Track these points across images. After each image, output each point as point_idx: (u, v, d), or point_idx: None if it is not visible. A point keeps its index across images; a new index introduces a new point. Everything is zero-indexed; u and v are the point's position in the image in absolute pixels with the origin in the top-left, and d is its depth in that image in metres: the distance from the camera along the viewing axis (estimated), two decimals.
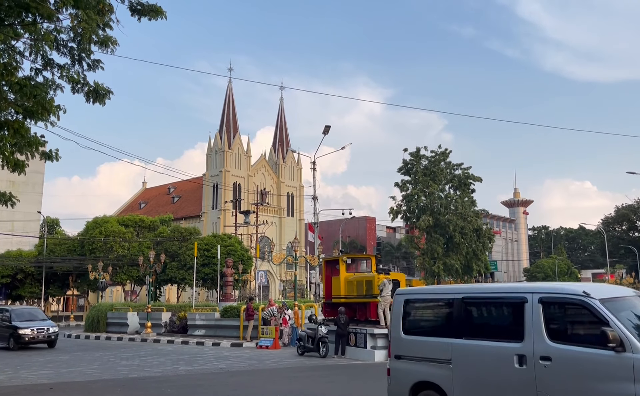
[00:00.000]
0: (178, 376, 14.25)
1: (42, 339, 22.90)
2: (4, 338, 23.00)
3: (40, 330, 22.91)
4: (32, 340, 22.68)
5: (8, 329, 22.79)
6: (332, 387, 12.69)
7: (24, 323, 22.77)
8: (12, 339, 22.47)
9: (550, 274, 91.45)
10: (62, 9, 8.84)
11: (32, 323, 23.03)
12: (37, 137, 10.13)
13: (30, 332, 22.54)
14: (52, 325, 23.75)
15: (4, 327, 23.09)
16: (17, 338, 22.36)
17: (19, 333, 22.34)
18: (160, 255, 31.82)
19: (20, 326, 22.49)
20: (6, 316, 23.34)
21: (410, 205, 64.17)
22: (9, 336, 22.68)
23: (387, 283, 16.88)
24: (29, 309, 26.06)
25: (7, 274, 47.86)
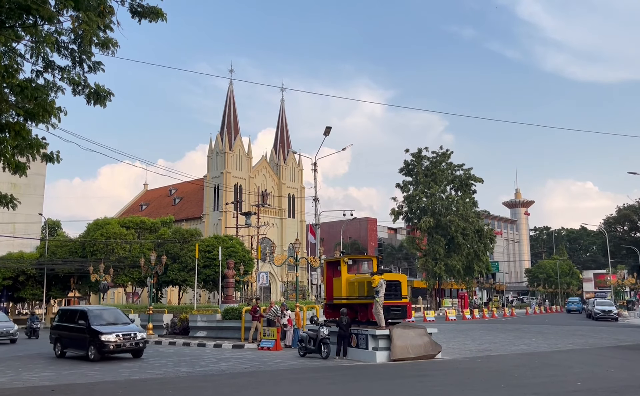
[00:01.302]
0: (180, 378, 14.23)
1: (128, 347, 18.46)
2: (81, 345, 18.89)
3: (126, 336, 18.37)
4: (118, 349, 18.18)
5: (86, 334, 18.50)
6: (334, 388, 12.67)
7: (107, 327, 18.45)
8: (93, 347, 18.09)
9: (552, 275, 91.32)
10: (63, 11, 8.85)
11: (116, 327, 18.72)
12: (38, 139, 10.13)
13: (115, 338, 18.05)
14: (138, 330, 19.40)
15: (80, 332, 18.89)
16: (100, 346, 17.89)
17: (101, 340, 17.88)
18: (162, 256, 31.80)
19: (102, 332, 18.08)
20: (83, 317, 19.08)
21: (412, 206, 64.17)
22: (89, 344, 18.35)
23: (383, 284, 16.88)
24: (109, 309, 21.17)
25: (9, 276, 47.90)
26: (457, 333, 29.19)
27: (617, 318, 44.61)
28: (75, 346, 19.33)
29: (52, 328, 21.01)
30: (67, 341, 19.84)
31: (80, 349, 18.95)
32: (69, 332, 19.60)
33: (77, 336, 19.05)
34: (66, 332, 19.82)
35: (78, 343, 19.10)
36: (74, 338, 19.29)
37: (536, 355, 18.67)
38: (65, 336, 19.90)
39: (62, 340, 20.01)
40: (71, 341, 19.58)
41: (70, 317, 20.06)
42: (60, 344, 19.99)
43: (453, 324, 39.42)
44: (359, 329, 17.44)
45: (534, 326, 35.13)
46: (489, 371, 14.74)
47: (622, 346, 22.03)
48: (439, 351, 17.60)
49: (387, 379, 13.36)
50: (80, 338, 18.85)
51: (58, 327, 20.47)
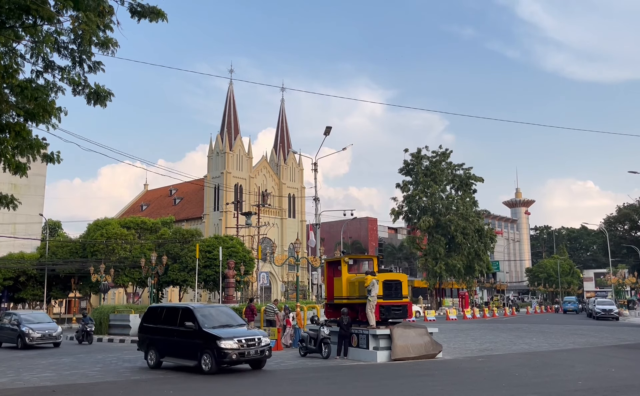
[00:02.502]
0: (180, 378, 14.23)
1: (252, 357, 14.89)
2: (188, 353, 15.18)
3: (250, 342, 14.83)
4: (241, 358, 14.64)
5: (196, 339, 14.92)
6: (334, 388, 12.66)
7: (223, 331, 14.87)
8: (209, 356, 14.43)
9: (552, 274, 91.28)
10: (63, 11, 8.85)
11: (234, 330, 15.27)
12: (39, 140, 10.13)
13: (237, 345, 14.47)
14: (262, 334, 15.73)
15: (186, 336, 15.26)
16: (218, 354, 14.29)
17: (220, 348, 14.30)
18: (162, 257, 31.86)
19: (219, 336, 14.57)
20: (189, 317, 15.36)
21: (412, 205, 64.13)
22: (201, 352, 14.65)
23: (375, 283, 16.89)
24: (220, 308, 17.83)
25: (10, 277, 47.94)
26: (457, 332, 29.18)
27: (618, 317, 44.60)
28: (180, 354, 15.55)
29: (142, 329, 17.24)
30: (165, 347, 15.96)
31: (188, 358, 15.15)
32: (169, 336, 15.82)
33: (182, 342, 15.39)
34: (163, 336, 16.00)
35: (183, 351, 15.34)
36: (178, 344, 15.54)
37: (537, 354, 18.66)
38: (162, 342, 16.02)
39: (157, 346, 16.12)
40: (173, 347, 15.74)
41: (168, 317, 16.26)
42: (156, 351, 16.10)
43: (454, 324, 39.41)
44: (359, 329, 17.45)
45: (535, 326, 35.12)
46: (490, 371, 14.73)
47: (623, 345, 22.02)
48: (440, 351, 17.60)
49: (388, 379, 13.36)
50: (187, 344, 15.18)
51: (150, 330, 16.62)
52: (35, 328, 24.48)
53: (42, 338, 24.39)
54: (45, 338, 24.51)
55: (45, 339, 24.53)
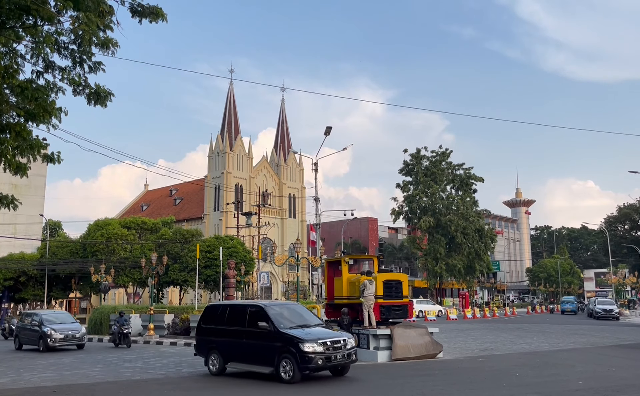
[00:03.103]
0: (181, 378, 14.24)
1: (339, 361, 13.14)
2: (263, 358, 13.31)
3: (336, 345, 13.04)
4: (327, 363, 12.87)
5: (273, 342, 13.07)
6: (335, 388, 12.66)
7: (303, 332, 13.07)
8: (290, 362, 12.62)
9: (552, 274, 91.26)
10: (63, 11, 8.85)
11: (314, 331, 13.37)
12: (39, 140, 10.14)
13: (322, 349, 12.68)
14: (348, 336, 13.71)
15: (259, 338, 13.40)
16: (302, 360, 12.50)
17: (303, 352, 12.44)
18: (163, 257, 31.79)
19: (302, 338, 12.74)
20: (261, 317, 13.51)
21: (412, 205, 64.12)
22: (279, 357, 12.89)
23: (367, 284, 16.88)
24: (291, 305, 15.46)
25: (10, 277, 47.95)
26: (458, 332, 29.18)
27: (619, 317, 44.60)
28: (251, 360, 13.68)
29: (201, 332, 15.25)
30: (231, 351, 14.10)
31: (262, 364, 13.34)
32: (236, 338, 14.00)
33: (253, 345, 13.52)
34: (229, 338, 14.16)
35: (256, 355, 13.52)
36: (248, 347, 13.67)
37: (537, 354, 18.66)
38: (228, 345, 14.16)
39: (221, 350, 14.27)
40: (242, 352, 13.86)
41: (234, 317, 14.43)
42: (219, 356, 14.24)
43: (454, 323, 39.40)
44: (360, 329, 17.45)
45: (535, 326, 35.12)
46: (491, 371, 14.73)
47: (624, 345, 22.01)
48: (440, 351, 17.60)
49: (389, 379, 13.36)
50: (260, 347, 13.34)
51: (211, 331, 14.74)
52: (58, 328, 22.79)
53: (65, 339, 22.67)
54: (69, 339, 22.84)
55: (69, 341, 22.84)
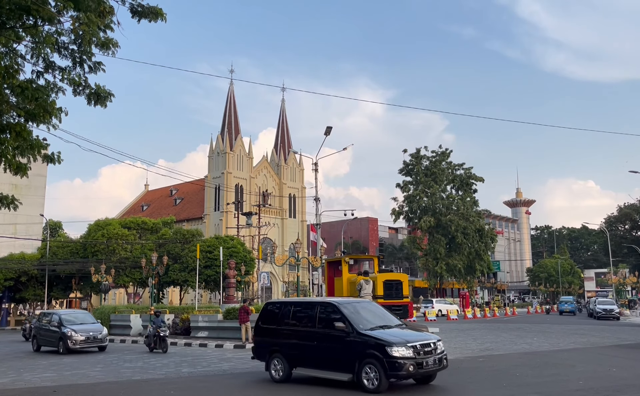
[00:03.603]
0: (181, 378, 14.23)
1: (431, 369, 11.46)
2: (339, 364, 11.70)
3: (427, 349, 11.30)
4: (418, 370, 11.06)
5: (353, 345, 11.40)
6: (335, 388, 12.65)
7: (387, 333, 11.42)
8: (376, 368, 10.90)
9: (553, 274, 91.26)
10: (63, 11, 8.85)
11: (400, 333, 11.68)
12: (39, 140, 10.13)
13: (412, 354, 10.91)
14: (436, 338, 11.97)
15: (333, 341, 11.83)
16: (390, 367, 10.77)
17: (391, 358, 10.74)
18: (163, 257, 31.84)
19: (388, 341, 11.01)
20: (337, 317, 11.91)
21: (412, 205, 64.15)
22: (361, 362, 11.18)
23: (363, 284, 16.88)
24: (366, 304, 13.26)
25: (10, 277, 48.00)
26: (458, 332, 29.15)
27: (619, 317, 44.59)
28: (324, 365, 11.99)
29: (260, 332, 13.65)
30: (299, 355, 12.51)
31: (338, 370, 11.67)
32: (304, 340, 12.36)
33: (326, 348, 11.87)
34: (295, 340, 12.59)
35: (330, 360, 11.82)
36: (320, 351, 12.01)
37: (538, 354, 18.64)
38: (294, 348, 12.59)
39: (286, 353, 12.71)
40: (312, 355, 12.21)
41: (301, 315, 12.85)
42: (284, 360, 12.70)
43: (454, 323, 39.38)
44: None
45: (536, 326, 35.11)
46: (491, 371, 14.72)
47: (624, 345, 21.99)
48: None
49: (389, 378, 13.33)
50: (335, 351, 11.68)
51: (273, 332, 13.12)
52: (79, 329, 21.72)
53: (86, 341, 21.57)
54: (90, 341, 21.73)
55: (90, 342, 21.73)
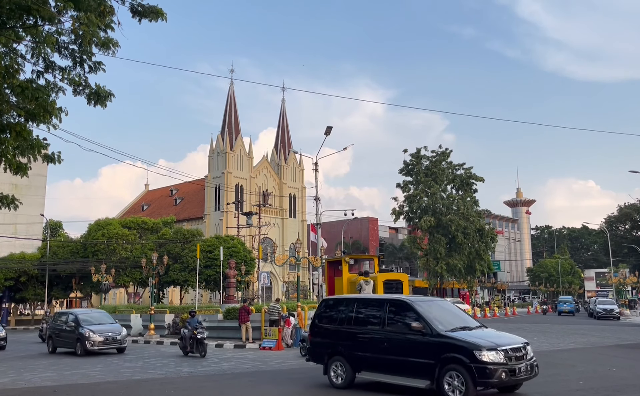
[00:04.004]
0: (181, 378, 14.24)
1: (523, 376, 10.30)
2: (420, 369, 10.37)
3: (518, 354, 9.79)
4: (511, 380, 10.07)
5: (435, 354, 10.19)
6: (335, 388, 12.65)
7: (471, 336, 10.36)
8: (465, 378, 9.69)
9: (553, 274, 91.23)
10: (63, 11, 8.85)
11: (484, 335, 10.56)
12: (39, 140, 10.13)
13: (504, 359, 9.82)
14: (526, 341, 10.71)
15: (416, 347, 10.54)
16: (480, 375, 9.68)
17: (484, 366, 9.63)
18: (163, 257, 31.81)
19: (478, 344, 9.92)
20: (413, 316, 10.80)
21: (412, 205, 64.12)
22: (442, 369, 10.00)
23: (363, 284, 16.90)
24: (438, 302, 12.35)
25: (11, 277, 48.01)
26: None
27: (619, 317, 44.61)
28: (396, 370, 10.67)
29: (317, 332, 12.50)
30: (365, 358, 11.23)
31: (413, 375, 10.37)
32: (372, 341, 11.12)
33: (400, 350, 10.60)
34: (360, 341, 11.34)
35: (403, 365, 10.53)
36: (393, 353, 10.71)
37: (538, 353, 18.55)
38: (358, 349, 11.34)
39: (348, 356, 11.51)
40: (382, 358, 10.89)
41: (365, 313, 11.59)
42: (347, 363, 11.49)
43: None
44: None
45: (536, 326, 35.09)
46: None
47: (624, 345, 21.99)
48: None
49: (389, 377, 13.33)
50: (410, 354, 10.41)
51: (332, 333, 12.00)
52: (97, 330, 20.65)
53: (105, 342, 20.54)
54: (109, 342, 20.68)
55: (109, 343, 20.69)
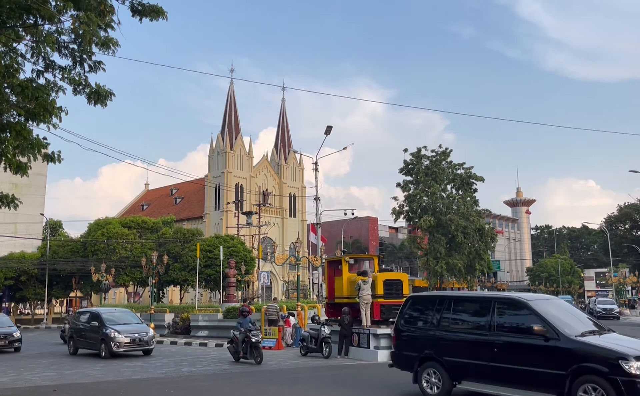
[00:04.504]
0: (181, 378, 14.24)
1: None
2: (548, 382, 8.86)
3: None
4: None
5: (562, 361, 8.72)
6: (335, 387, 12.66)
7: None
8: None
9: (553, 273, 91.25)
10: (63, 11, 8.85)
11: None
12: (39, 139, 10.13)
13: None
14: None
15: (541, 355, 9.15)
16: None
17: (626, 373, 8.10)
18: (163, 256, 31.81)
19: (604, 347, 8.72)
20: (530, 316, 9.40)
21: (413, 205, 64.11)
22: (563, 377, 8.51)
23: (362, 284, 16.94)
24: (557, 301, 10.80)
25: (11, 276, 48.02)
26: None
27: (619, 316, 44.66)
28: (510, 380, 9.09)
29: (404, 335, 11.01)
30: (468, 364, 9.74)
31: (537, 388, 8.81)
32: (476, 346, 9.65)
33: (515, 358, 9.10)
34: (462, 345, 9.89)
35: (521, 375, 8.97)
36: (506, 361, 9.14)
37: None
38: (461, 355, 9.82)
39: (446, 362, 9.97)
40: (492, 367, 9.31)
41: (468, 313, 10.25)
42: (443, 370, 9.98)
43: None
44: (360, 328, 17.45)
45: None
46: None
47: None
48: None
49: (389, 378, 13.35)
50: (530, 363, 8.93)
51: (426, 335, 10.48)
52: (123, 330, 19.27)
53: (131, 343, 19.18)
54: (135, 344, 19.27)
55: (135, 345, 19.29)
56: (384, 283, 17.36)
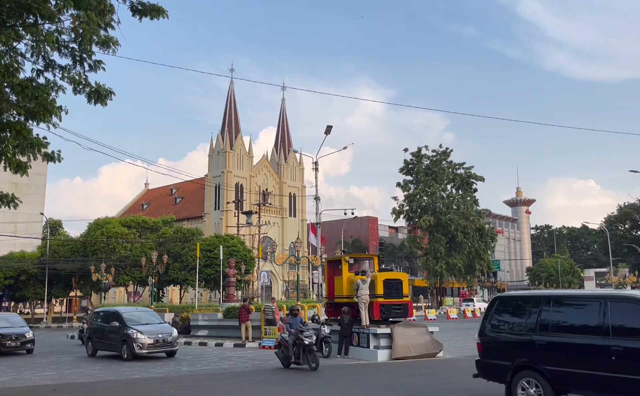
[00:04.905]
0: (181, 377, 14.24)
1: None
2: None
3: None
4: None
5: None
6: (335, 387, 12.66)
7: None
8: None
9: (553, 273, 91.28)
10: (64, 10, 8.84)
11: None
12: (39, 139, 10.13)
13: None
14: None
15: None
16: None
17: None
18: (163, 256, 31.87)
19: None
20: None
21: (412, 205, 64.15)
22: None
23: (360, 283, 16.95)
24: None
25: (11, 275, 48.03)
26: (458, 331, 29.18)
27: None
28: (629, 393, 7.73)
29: (492, 341, 9.71)
30: (576, 375, 8.30)
31: None
32: (584, 354, 8.29)
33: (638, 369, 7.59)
34: (565, 353, 8.49)
35: None
36: (626, 371, 7.71)
37: None
38: (567, 364, 8.42)
39: (546, 371, 8.60)
40: (606, 377, 7.93)
41: (572, 317, 8.80)
42: (544, 380, 8.60)
43: (454, 322, 39.40)
44: (360, 328, 17.46)
45: None
46: None
47: None
48: (441, 350, 17.60)
49: (389, 378, 13.36)
50: None
51: (520, 340, 9.08)
52: (145, 331, 18.25)
53: (154, 345, 18.20)
54: (159, 345, 18.33)
55: (159, 346, 18.34)
56: (384, 283, 17.36)
